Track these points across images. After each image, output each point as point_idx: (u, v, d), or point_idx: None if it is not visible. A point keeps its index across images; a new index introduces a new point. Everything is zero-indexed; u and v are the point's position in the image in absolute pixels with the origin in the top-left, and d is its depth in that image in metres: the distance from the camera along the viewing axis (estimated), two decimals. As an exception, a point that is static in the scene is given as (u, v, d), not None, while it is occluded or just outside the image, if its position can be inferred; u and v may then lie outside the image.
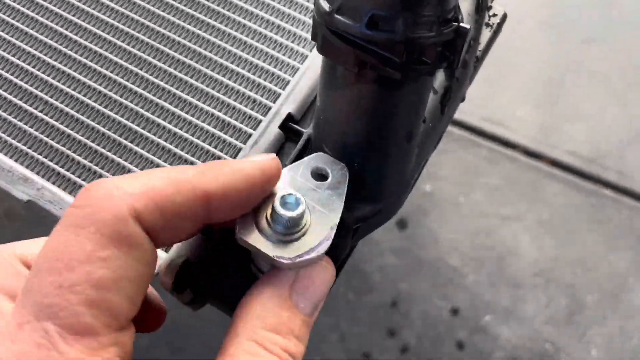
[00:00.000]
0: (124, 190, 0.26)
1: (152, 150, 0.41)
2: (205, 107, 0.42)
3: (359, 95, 0.33)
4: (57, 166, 0.40)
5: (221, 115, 0.41)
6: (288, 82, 0.42)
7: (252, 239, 0.30)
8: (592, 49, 1.38)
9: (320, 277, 0.31)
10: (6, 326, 0.25)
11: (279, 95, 0.42)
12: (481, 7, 0.43)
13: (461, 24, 0.30)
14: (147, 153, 0.40)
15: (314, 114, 0.39)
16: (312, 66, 0.42)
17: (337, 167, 0.34)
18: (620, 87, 1.34)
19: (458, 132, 1.24)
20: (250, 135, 0.40)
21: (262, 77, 0.42)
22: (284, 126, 0.40)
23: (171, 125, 0.41)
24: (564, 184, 1.23)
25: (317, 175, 0.34)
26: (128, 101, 0.42)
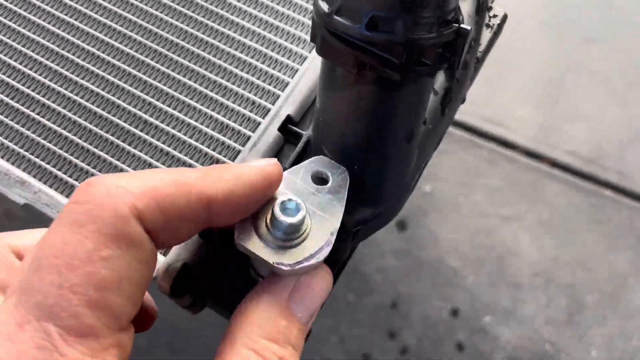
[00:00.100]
0: (125, 189, 0.26)
1: (150, 153, 0.40)
2: (203, 109, 0.41)
3: (358, 97, 0.33)
4: (54, 169, 0.40)
5: (220, 117, 0.41)
6: (287, 84, 0.41)
7: (252, 245, 0.30)
8: (592, 49, 1.38)
9: (319, 286, 0.31)
10: (4, 325, 0.24)
11: (278, 96, 0.41)
12: (481, 7, 0.43)
13: (461, 25, 0.30)
14: (145, 155, 0.40)
15: (313, 115, 0.39)
16: (311, 67, 0.42)
17: (338, 171, 0.34)
18: (621, 87, 1.34)
19: (458, 132, 1.24)
20: (249, 138, 0.40)
21: (261, 78, 0.42)
22: (283, 128, 0.40)
23: (169, 128, 0.41)
24: (564, 184, 1.23)
25: (318, 179, 0.33)
26: (126, 103, 0.42)
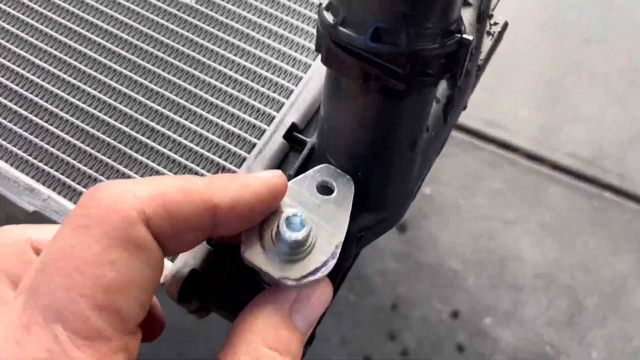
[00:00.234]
0: (133, 194, 0.26)
1: (158, 160, 0.41)
2: (209, 116, 0.42)
3: (362, 106, 0.33)
4: (62, 176, 0.40)
5: (225, 124, 0.42)
6: (292, 92, 0.42)
7: (257, 259, 0.30)
8: (592, 49, 1.38)
9: (320, 298, 0.31)
10: (10, 325, 0.24)
11: (282, 104, 0.42)
12: (482, 16, 0.43)
13: (464, 35, 0.30)
14: (152, 163, 0.41)
15: (317, 123, 0.39)
16: (316, 75, 0.42)
17: (343, 180, 0.34)
18: (621, 87, 1.34)
19: (459, 135, 1.24)
20: (254, 145, 0.41)
21: (266, 86, 0.43)
22: (288, 136, 0.40)
23: (176, 135, 0.41)
24: (565, 187, 1.23)
25: (323, 189, 0.33)
26: (133, 111, 0.42)
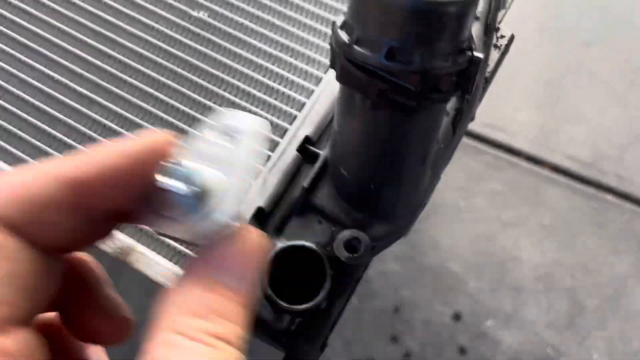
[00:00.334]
0: None
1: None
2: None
3: (375, 121, 0.34)
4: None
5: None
6: (303, 104, 0.43)
7: (162, 225, 0.27)
8: (591, 51, 1.38)
9: (241, 248, 0.27)
10: None
11: (294, 116, 0.43)
12: (490, 29, 0.44)
13: (475, 52, 0.31)
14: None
15: (330, 136, 0.40)
16: (327, 89, 0.43)
17: (250, 121, 0.28)
18: (620, 89, 1.35)
19: (460, 138, 1.24)
20: (268, 157, 0.41)
21: (278, 99, 0.44)
22: (302, 148, 0.41)
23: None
24: (565, 188, 1.23)
25: (226, 135, 0.28)
26: (148, 123, 0.43)
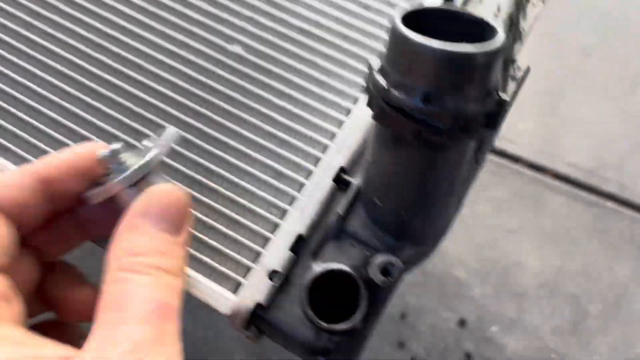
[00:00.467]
0: None
1: (214, 198, 0.44)
2: (258, 157, 0.45)
3: (408, 156, 0.37)
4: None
5: (274, 164, 0.45)
6: (334, 134, 0.45)
7: (99, 195, 0.36)
8: (591, 60, 1.39)
9: (160, 195, 0.35)
10: None
11: (326, 146, 0.45)
12: (508, 61, 0.47)
13: (502, 95, 0.34)
14: (209, 200, 0.44)
15: (363, 166, 0.43)
16: (358, 119, 0.46)
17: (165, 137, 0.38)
18: (620, 96, 1.35)
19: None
20: (302, 185, 0.44)
21: (311, 129, 0.46)
22: (336, 178, 0.44)
23: (228, 174, 0.45)
24: (566, 196, 1.24)
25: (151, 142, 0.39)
26: (192, 154, 0.46)
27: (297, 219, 0.42)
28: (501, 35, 0.32)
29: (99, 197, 0.36)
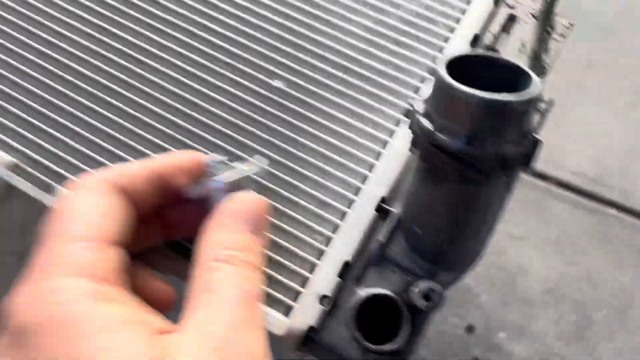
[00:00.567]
0: (102, 174, 0.38)
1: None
2: (302, 186, 0.48)
3: (449, 191, 0.40)
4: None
5: (317, 194, 0.48)
6: (373, 165, 0.48)
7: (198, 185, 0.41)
8: (594, 71, 1.42)
9: (248, 200, 0.39)
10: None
11: (366, 176, 0.48)
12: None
13: (537, 136, 0.37)
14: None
15: (402, 196, 0.46)
16: (394, 151, 0.49)
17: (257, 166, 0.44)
18: (622, 107, 1.38)
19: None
20: (345, 213, 0.47)
21: (351, 160, 0.49)
22: (378, 208, 0.47)
23: (275, 203, 0.47)
24: (570, 203, 1.27)
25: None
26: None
27: (342, 246, 0.45)
28: (537, 82, 0.35)
29: (199, 191, 0.40)
